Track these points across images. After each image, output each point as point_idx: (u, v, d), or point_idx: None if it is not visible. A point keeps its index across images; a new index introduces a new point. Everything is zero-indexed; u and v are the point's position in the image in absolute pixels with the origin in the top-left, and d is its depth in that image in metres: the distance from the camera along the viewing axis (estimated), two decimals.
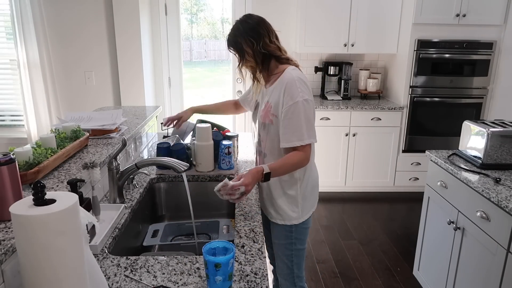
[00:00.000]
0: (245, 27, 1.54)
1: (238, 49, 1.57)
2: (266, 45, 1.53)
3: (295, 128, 1.47)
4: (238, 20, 1.59)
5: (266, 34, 1.54)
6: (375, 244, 3.06)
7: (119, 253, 1.31)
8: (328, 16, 3.70)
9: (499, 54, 3.64)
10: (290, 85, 1.47)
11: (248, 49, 1.54)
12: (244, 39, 1.53)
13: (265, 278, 1.09)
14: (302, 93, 1.46)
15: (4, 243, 0.93)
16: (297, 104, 1.45)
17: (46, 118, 3.67)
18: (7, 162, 1.02)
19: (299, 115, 1.46)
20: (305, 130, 1.47)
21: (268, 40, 1.54)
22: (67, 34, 3.61)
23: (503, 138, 1.90)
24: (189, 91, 4.42)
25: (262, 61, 1.56)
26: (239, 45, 1.55)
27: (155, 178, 1.87)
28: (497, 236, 1.66)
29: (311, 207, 1.69)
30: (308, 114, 1.48)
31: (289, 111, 1.47)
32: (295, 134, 1.47)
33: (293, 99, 1.46)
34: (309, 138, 1.49)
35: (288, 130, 1.49)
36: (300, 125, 1.46)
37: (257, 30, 1.53)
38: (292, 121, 1.47)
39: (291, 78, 1.49)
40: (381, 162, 3.87)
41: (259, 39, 1.52)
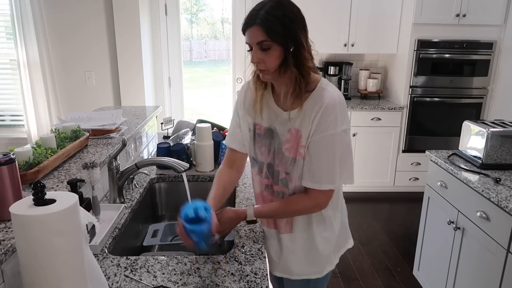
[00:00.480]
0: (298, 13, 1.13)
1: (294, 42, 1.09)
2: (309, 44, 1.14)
3: (327, 166, 1.15)
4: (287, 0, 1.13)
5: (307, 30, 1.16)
6: (375, 244, 3.06)
7: (119, 253, 1.31)
8: (328, 16, 3.70)
9: (499, 54, 3.64)
10: (329, 110, 1.11)
11: (306, 45, 1.12)
12: (301, 31, 1.11)
13: (265, 278, 1.09)
14: (341, 122, 1.12)
15: (4, 243, 0.93)
16: (335, 136, 1.12)
17: (46, 118, 3.67)
18: (7, 162, 1.02)
19: (334, 151, 1.14)
20: (338, 171, 1.16)
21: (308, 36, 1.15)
22: (67, 34, 3.61)
23: (503, 138, 1.90)
24: (189, 91, 4.41)
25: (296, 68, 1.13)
26: (297, 36, 1.09)
27: (155, 178, 1.87)
28: (497, 236, 1.66)
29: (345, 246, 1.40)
30: (347, 149, 1.18)
31: (322, 144, 1.13)
32: (324, 175, 1.15)
33: (330, 128, 1.12)
34: (342, 179, 1.20)
35: (318, 168, 1.15)
36: (334, 164, 1.15)
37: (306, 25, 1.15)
38: (324, 157, 1.15)
39: (332, 100, 1.12)
40: (381, 162, 3.87)
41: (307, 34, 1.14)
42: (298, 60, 1.10)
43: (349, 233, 1.43)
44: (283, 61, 1.10)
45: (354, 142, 3.79)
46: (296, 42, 1.09)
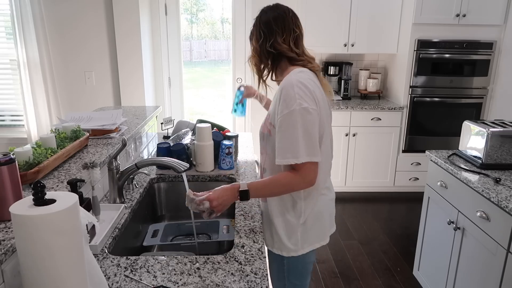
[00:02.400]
0: (262, 17, 1.38)
1: (250, 39, 1.43)
2: (277, 44, 1.33)
3: (290, 142, 1.22)
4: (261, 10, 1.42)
5: (280, 33, 1.34)
6: (375, 244, 3.06)
7: (119, 253, 1.31)
8: (328, 16, 3.70)
9: (499, 54, 3.64)
10: (286, 91, 1.24)
11: (255, 43, 1.38)
12: (256, 31, 1.38)
13: (265, 278, 1.09)
14: (300, 100, 1.21)
15: (4, 243, 0.93)
16: (292, 113, 1.21)
17: (46, 118, 3.67)
18: (7, 162, 1.02)
19: (295, 126, 1.21)
20: (302, 146, 1.21)
21: (281, 39, 1.34)
22: (67, 34, 3.61)
23: (503, 138, 1.90)
24: (189, 91, 4.41)
25: (270, 60, 1.37)
26: (251, 35, 1.41)
27: (155, 178, 1.87)
28: (497, 236, 1.66)
29: (316, 240, 1.41)
30: (307, 126, 1.22)
31: (283, 122, 1.23)
32: (289, 150, 1.22)
33: (288, 107, 1.22)
34: (307, 155, 1.22)
35: (282, 144, 1.24)
36: (296, 138, 1.21)
37: (270, 26, 1.34)
38: (286, 134, 1.23)
39: (289, 82, 1.25)
40: (381, 162, 3.87)
41: (270, 36, 1.34)
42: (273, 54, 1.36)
43: (325, 231, 1.44)
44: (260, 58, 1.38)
45: (354, 142, 3.79)
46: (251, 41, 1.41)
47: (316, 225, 1.39)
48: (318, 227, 1.40)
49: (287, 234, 1.38)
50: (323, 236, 1.43)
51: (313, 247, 1.41)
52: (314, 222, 1.38)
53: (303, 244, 1.38)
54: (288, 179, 1.26)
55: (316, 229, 1.40)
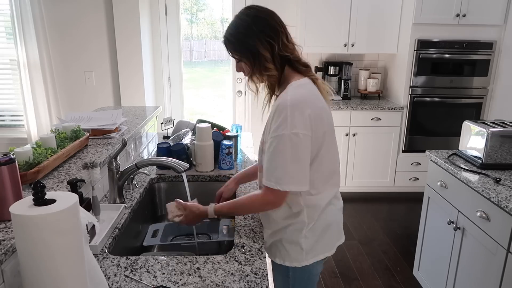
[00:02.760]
0: (258, 23, 1.19)
1: (252, 54, 1.21)
2: (285, 46, 1.22)
3: (276, 167, 1.16)
4: (243, 13, 1.24)
5: (283, 31, 1.22)
6: (375, 244, 3.06)
7: (119, 253, 1.31)
8: (328, 16, 3.70)
9: (499, 54, 3.64)
10: (279, 112, 1.15)
11: (267, 53, 1.19)
12: (260, 41, 1.19)
13: (265, 278, 1.09)
14: (291, 125, 1.13)
15: (4, 243, 0.93)
16: (282, 137, 1.14)
17: (46, 118, 3.67)
18: (7, 162, 1.02)
19: (284, 151, 1.15)
20: (287, 174, 1.16)
21: (285, 38, 1.22)
22: (67, 34, 3.61)
23: (503, 138, 1.90)
24: (189, 91, 4.41)
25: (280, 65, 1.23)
26: (253, 48, 1.19)
27: (155, 178, 1.87)
28: (497, 236, 1.66)
29: (321, 252, 1.33)
30: (297, 153, 1.15)
31: (273, 144, 1.17)
32: (274, 174, 1.16)
33: (279, 130, 1.14)
34: (292, 184, 1.16)
35: (268, 166, 1.18)
36: (283, 165, 1.15)
37: (274, 27, 1.20)
38: (274, 157, 1.17)
39: (283, 102, 1.15)
40: (381, 162, 3.87)
41: (278, 39, 1.20)
42: (259, 71, 1.23)
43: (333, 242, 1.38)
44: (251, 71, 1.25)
45: (354, 142, 3.79)
46: (253, 54, 1.21)
47: (323, 236, 1.32)
48: (326, 238, 1.34)
49: (291, 244, 1.30)
50: (331, 247, 1.37)
51: (317, 258, 1.33)
52: (321, 233, 1.31)
53: (307, 255, 1.30)
54: (251, 201, 1.26)
55: (324, 240, 1.33)
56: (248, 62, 1.23)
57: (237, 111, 4.21)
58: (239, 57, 1.25)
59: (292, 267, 1.32)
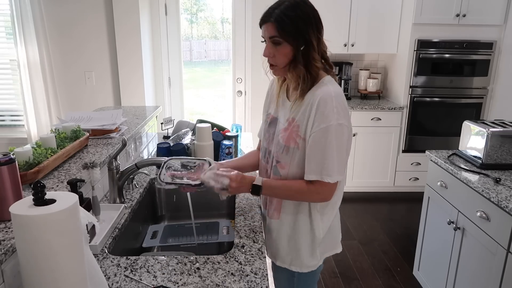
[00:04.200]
0: (315, 15, 1.20)
1: (305, 40, 1.18)
2: (323, 44, 1.24)
3: (325, 159, 1.16)
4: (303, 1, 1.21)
5: (322, 31, 1.24)
6: (375, 244, 3.06)
7: (119, 254, 1.31)
8: (328, 16, 3.66)
9: (499, 54, 3.64)
10: (324, 103, 1.15)
11: (315, 43, 1.19)
12: (313, 30, 1.19)
13: (265, 278, 1.09)
14: (338, 115, 1.15)
15: (4, 243, 0.93)
16: (329, 128, 1.15)
17: (46, 118, 3.66)
18: (7, 162, 1.02)
19: (331, 142, 1.15)
20: (336, 164, 1.17)
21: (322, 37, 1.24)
22: (67, 34, 3.61)
23: (503, 138, 1.90)
24: (189, 91, 4.41)
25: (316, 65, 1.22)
26: (307, 35, 1.17)
27: (155, 178, 1.86)
28: (497, 236, 1.66)
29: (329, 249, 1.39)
30: (341, 144, 1.17)
31: (319, 136, 1.16)
32: (324, 167, 1.17)
33: (326, 121, 1.15)
34: (339, 174, 1.18)
35: (316, 161, 1.18)
36: (331, 156, 1.16)
37: (321, 23, 1.23)
38: (321, 150, 1.17)
39: (328, 93, 1.16)
40: (381, 162, 3.87)
41: (321, 35, 1.22)
42: (307, 59, 1.19)
43: (338, 239, 1.44)
44: (293, 59, 1.20)
45: (354, 142, 3.79)
46: (306, 42, 1.18)
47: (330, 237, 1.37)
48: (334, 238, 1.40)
49: (307, 250, 1.33)
50: (337, 245, 1.43)
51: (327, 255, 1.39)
52: (328, 235, 1.36)
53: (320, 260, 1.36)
54: (304, 189, 1.22)
55: (333, 241, 1.39)
56: (295, 48, 1.18)
57: (237, 111, 4.21)
58: (286, 40, 1.18)
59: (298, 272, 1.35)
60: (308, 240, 1.32)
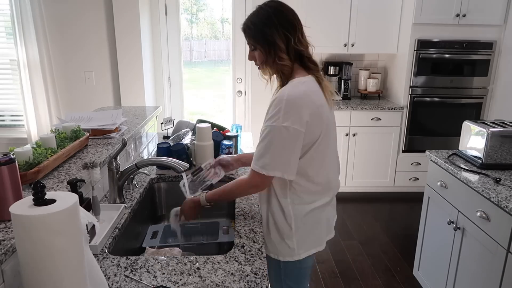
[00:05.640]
0: (279, 17, 1.25)
1: (268, 43, 1.26)
2: (299, 42, 1.27)
3: (263, 153, 1.24)
4: (266, 4, 1.29)
5: (299, 28, 1.28)
6: (375, 244, 3.06)
7: (119, 254, 1.31)
8: (328, 16, 3.70)
9: (499, 54, 3.64)
10: (275, 105, 1.22)
11: (282, 44, 1.25)
12: (277, 32, 1.24)
13: (265, 278, 1.09)
14: (283, 119, 1.20)
15: (4, 243, 0.93)
16: (273, 128, 1.22)
17: (46, 118, 3.66)
18: (7, 162, 1.02)
19: (272, 140, 1.23)
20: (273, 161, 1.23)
21: (301, 35, 1.28)
22: (67, 34, 3.61)
23: (503, 138, 1.90)
24: (189, 91, 4.41)
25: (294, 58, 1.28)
26: (270, 37, 1.25)
27: (155, 178, 1.86)
28: (497, 236, 1.66)
29: (312, 246, 1.41)
30: (284, 143, 1.22)
31: (264, 132, 1.25)
32: (261, 159, 1.25)
33: (271, 121, 1.22)
34: (278, 171, 1.24)
35: (257, 152, 1.27)
36: (269, 151, 1.23)
37: (292, 21, 1.26)
38: (263, 144, 1.25)
39: (280, 96, 1.22)
40: (381, 162, 3.87)
41: (294, 33, 1.25)
42: (273, 60, 1.28)
43: (321, 237, 1.44)
44: (264, 60, 1.30)
45: (354, 142, 3.79)
46: (270, 44, 1.26)
47: (312, 231, 1.39)
48: (315, 233, 1.40)
49: (281, 239, 1.38)
50: (320, 242, 1.43)
51: (308, 253, 1.40)
52: (311, 228, 1.38)
53: (298, 250, 1.38)
54: (238, 184, 1.35)
55: (313, 236, 1.40)
56: (263, 51, 1.28)
57: (237, 111, 4.21)
58: (255, 45, 1.30)
59: (284, 261, 1.41)
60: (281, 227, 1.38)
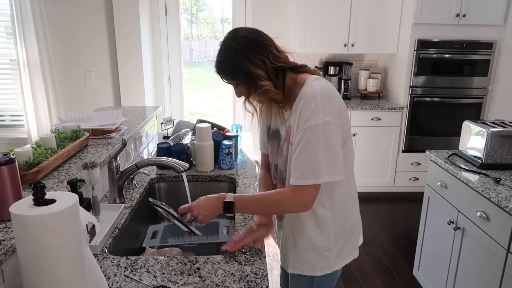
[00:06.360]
0: (243, 43, 1.16)
1: (246, 76, 1.16)
2: (276, 57, 1.17)
3: (311, 161, 1.11)
4: (227, 37, 1.20)
5: (271, 44, 1.18)
6: (375, 244, 3.06)
7: (119, 253, 1.31)
8: (328, 16, 3.70)
9: (499, 54, 3.64)
10: (308, 102, 1.11)
11: (260, 70, 1.15)
12: (249, 60, 1.14)
13: (265, 278, 1.09)
14: (323, 113, 1.09)
15: (4, 243, 0.93)
16: (315, 127, 1.09)
17: (46, 118, 3.67)
18: (7, 162, 1.02)
19: (317, 142, 1.10)
20: (324, 164, 1.10)
21: (275, 50, 1.18)
22: (67, 34, 3.61)
23: (503, 138, 1.90)
24: (189, 91, 4.41)
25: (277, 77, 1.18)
26: (244, 69, 1.15)
27: (155, 178, 1.86)
28: (497, 236, 1.66)
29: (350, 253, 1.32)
30: (330, 141, 1.11)
31: (304, 137, 1.11)
32: (309, 169, 1.11)
33: (310, 120, 1.10)
34: (329, 174, 1.12)
35: (301, 163, 1.12)
36: (317, 156, 1.10)
37: (260, 42, 1.16)
38: (306, 151, 1.11)
39: (311, 92, 1.12)
40: (381, 162, 3.87)
41: (267, 53, 1.16)
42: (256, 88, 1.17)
43: (356, 242, 1.36)
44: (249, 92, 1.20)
45: (354, 142, 3.79)
46: (248, 76, 1.15)
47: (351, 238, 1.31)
48: (353, 240, 1.33)
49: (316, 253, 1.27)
50: (355, 248, 1.35)
51: (346, 262, 1.31)
52: (350, 235, 1.30)
53: (336, 259, 1.28)
54: (279, 198, 1.18)
55: (351, 243, 1.32)
56: (244, 85, 1.18)
57: (237, 111, 4.21)
58: (235, 82, 1.20)
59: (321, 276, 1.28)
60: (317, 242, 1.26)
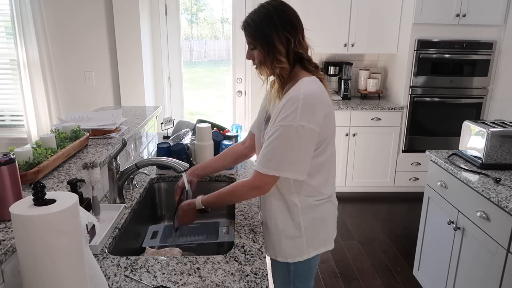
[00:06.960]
0: (280, 17, 1.19)
1: (267, 44, 1.21)
2: (300, 44, 1.23)
3: (276, 154, 1.19)
4: (268, 2, 1.24)
5: (301, 30, 1.23)
6: (375, 244, 3.06)
7: (119, 254, 1.31)
8: (328, 16, 3.70)
9: (499, 54, 3.64)
10: (290, 103, 1.17)
11: (282, 47, 1.20)
12: (277, 34, 1.19)
13: (265, 278, 1.09)
14: (300, 117, 1.15)
15: (4, 243, 0.93)
16: (288, 127, 1.16)
17: (46, 118, 3.67)
18: (7, 162, 1.02)
19: (287, 141, 1.17)
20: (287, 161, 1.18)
21: (302, 37, 1.23)
22: (67, 34, 3.61)
23: (503, 138, 1.90)
24: (189, 91, 4.41)
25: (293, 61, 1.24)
26: (270, 38, 1.19)
27: (155, 178, 1.87)
28: (497, 236, 1.66)
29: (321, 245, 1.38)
30: (300, 143, 1.17)
31: (277, 131, 1.18)
32: (273, 161, 1.19)
33: (286, 120, 1.16)
34: (290, 171, 1.19)
35: (268, 153, 1.20)
36: (284, 152, 1.18)
37: (294, 23, 1.21)
38: (274, 145, 1.18)
39: (296, 95, 1.17)
40: (381, 162, 3.87)
41: (295, 35, 1.20)
42: (271, 61, 1.23)
43: (330, 234, 1.41)
44: (262, 61, 1.25)
45: (354, 142, 3.79)
46: (269, 45, 1.21)
47: (321, 230, 1.37)
48: (323, 232, 1.38)
49: (287, 239, 1.34)
50: (329, 241, 1.41)
51: (318, 252, 1.37)
52: (320, 226, 1.36)
53: (308, 249, 1.35)
54: (238, 187, 1.29)
55: (322, 233, 1.37)
56: (262, 51, 1.23)
57: (237, 111, 4.21)
58: (254, 44, 1.25)
59: (294, 263, 1.36)
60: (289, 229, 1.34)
